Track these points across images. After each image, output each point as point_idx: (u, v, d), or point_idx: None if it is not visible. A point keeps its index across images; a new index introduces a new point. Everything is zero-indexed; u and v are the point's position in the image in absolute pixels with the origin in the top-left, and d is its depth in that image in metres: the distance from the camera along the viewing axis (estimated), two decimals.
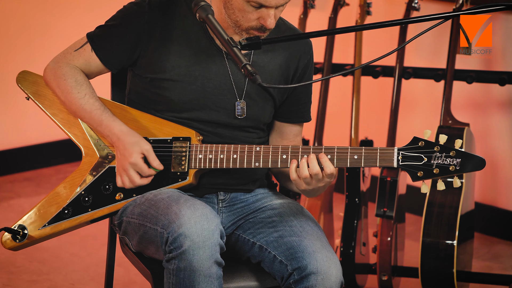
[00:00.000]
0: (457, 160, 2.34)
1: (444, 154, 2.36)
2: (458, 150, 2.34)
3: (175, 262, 2.34)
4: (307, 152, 2.42)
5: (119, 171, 2.53)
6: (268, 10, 2.42)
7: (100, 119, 2.55)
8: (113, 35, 2.57)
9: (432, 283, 3.45)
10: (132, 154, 2.49)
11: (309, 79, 2.66)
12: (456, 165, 2.34)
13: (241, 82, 2.57)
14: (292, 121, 2.69)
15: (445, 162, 2.35)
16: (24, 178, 5.10)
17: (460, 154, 2.34)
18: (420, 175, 2.37)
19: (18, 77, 2.66)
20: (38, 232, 2.58)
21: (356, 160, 2.39)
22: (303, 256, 2.42)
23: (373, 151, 2.39)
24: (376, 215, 3.55)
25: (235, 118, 2.58)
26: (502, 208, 4.42)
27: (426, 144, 2.37)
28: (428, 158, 2.36)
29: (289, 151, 2.45)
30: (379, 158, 2.38)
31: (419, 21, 2.38)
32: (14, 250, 2.61)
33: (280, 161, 2.46)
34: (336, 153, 2.40)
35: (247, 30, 2.46)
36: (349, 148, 2.40)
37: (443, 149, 2.36)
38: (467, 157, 2.34)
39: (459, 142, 2.34)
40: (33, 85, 2.65)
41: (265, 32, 2.47)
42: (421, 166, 2.37)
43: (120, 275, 3.69)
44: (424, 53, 4.49)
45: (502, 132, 4.34)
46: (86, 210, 2.58)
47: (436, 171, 2.36)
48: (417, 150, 2.37)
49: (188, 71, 2.54)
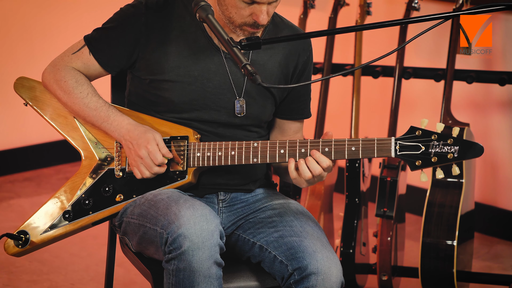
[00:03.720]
0: (455, 147, 2.33)
1: (442, 142, 2.34)
2: (456, 137, 2.33)
3: (175, 262, 2.34)
4: (304, 146, 2.42)
5: (135, 161, 2.52)
6: (260, 6, 2.42)
7: (107, 115, 2.55)
8: (110, 38, 2.56)
9: (432, 283, 3.45)
10: (149, 141, 2.49)
11: (309, 76, 2.67)
12: (454, 152, 2.33)
13: (240, 80, 2.57)
14: (292, 118, 2.69)
15: (443, 150, 2.34)
16: (24, 178, 5.10)
17: (458, 142, 2.33)
18: (418, 164, 2.35)
19: (15, 84, 2.67)
20: (40, 237, 2.59)
21: (353, 152, 2.39)
22: (303, 256, 2.42)
23: (370, 141, 2.38)
24: (376, 215, 3.55)
25: (235, 116, 2.58)
26: (502, 208, 4.42)
27: (423, 133, 2.36)
28: (426, 147, 2.35)
29: (287, 146, 2.45)
30: (377, 149, 2.37)
31: (419, 21, 2.38)
32: (17, 256, 2.61)
33: (278, 156, 2.46)
34: (333, 145, 2.40)
35: (241, 26, 2.47)
36: (346, 140, 2.40)
37: (441, 137, 2.34)
38: (465, 144, 2.32)
39: (457, 130, 2.33)
40: (31, 91, 2.65)
41: (258, 29, 2.47)
42: (419, 155, 2.35)
43: (120, 275, 3.69)
44: (424, 53, 4.49)
45: (502, 132, 4.34)
46: (87, 213, 2.58)
47: (434, 159, 2.34)
48: (415, 139, 2.36)
49: (187, 71, 2.54)
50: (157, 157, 2.49)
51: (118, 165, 2.58)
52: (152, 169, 2.50)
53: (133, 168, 2.53)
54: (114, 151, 2.59)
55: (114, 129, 2.55)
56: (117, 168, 2.58)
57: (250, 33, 2.48)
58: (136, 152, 2.50)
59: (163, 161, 2.50)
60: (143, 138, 2.50)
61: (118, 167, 2.58)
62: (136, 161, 2.52)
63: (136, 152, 2.51)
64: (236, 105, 2.58)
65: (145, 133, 2.51)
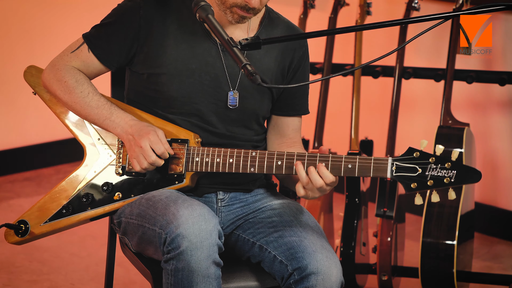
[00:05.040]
0: (452, 172, 2.28)
1: (440, 165, 2.29)
2: (454, 161, 2.28)
3: (173, 262, 2.34)
4: (302, 159, 2.41)
5: (134, 152, 2.51)
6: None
7: (110, 112, 2.55)
8: (109, 33, 2.57)
9: (432, 283, 3.45)
10: (150, 132, 2.49)
11: (305, 70, 2.67)
12: (451, 177, 2.29)
13: (235, 73, 2.57)
14: (288, 114, 2.68)
15: (439, 174, 2.29)
16: (24, 178, 5.10)
17: (456, 166, 2.28)
18: (413, 186, 2.31)
19: (25, 72, 2.66)
20: (39, 228, 2.60)
21: (350, 169, 2.37)
22: (303, 256, 2.42)
23: (367, 160, 2.36)
24: (376, 215, 3.55)
25: (231, 109, 2.57)
26: (502, 208, 4.42)
27: (421, 155, 2.31)
28: (423, 170, 2.31)
29: (284, 158, 2.44)
30: (373, 168, 2.35)
31: (419, 21, 2.38)
32: (17, 244, 2.64)
33: (275, 167, 2.45)
34: (330, 161, 2.39)
35: (231, 7, 2.47)
36: (344, 156, 2.38)
37: (439, 160, 2.30)
38: (463, 169, 2.28)
39: (456, 153, 2.28)
40: (40, 80, 2.66)
41: (248, 12, 2.47)
42: (415, 177, 2.31)
43: (120, 275, 3.69)
44: (424, 53, 4.49)
45: (502, 132, 4.34)
46: (86, 208, 2.59)
47: (430, 183, 2.30)
48: (412, 161, 2.32)
49: (185, 64, 2.54)
50: (159, 147, 2.48)
51: (118, 163, 2.58)
52: (150, 157, 2.48)
53: (132, 161, 2.52)
54: (116, 149, 2.59)
55: (116, 126, 2.55)
56: (117, 166, 2.58)
57: (239, 16, 2.47)
58: (137, 142, 2.50)
59: (163, 152, 2.49)
60: (145, 130, 2.50)
61: (118, 165, 2.58)
62: (135, 151, 2.51)
63: (136, 143, 2.50)
64: (230, 97, 2.57)
65: (147, 126, 2.52)
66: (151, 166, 2.51)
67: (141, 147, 2.49)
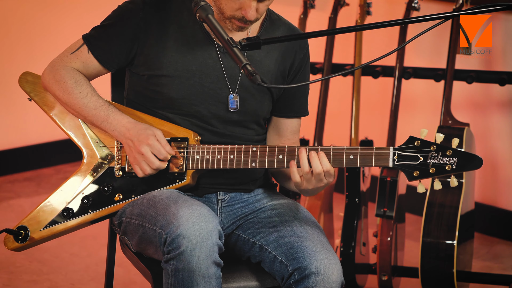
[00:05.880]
0: (453, 159, 2.32)
1: (441, 153, 2.33)
2: (455, 149, 2.32)
3: (174, 262, 2.34)
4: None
5: (135, 159, 2.51)
6: (250, 1, 2.43)
7: (107, 114, 2.55)
8: (109, 35, 2.57)
9: (432, 283, 3.45)
10: (149, 137, 2.49)
11: (306, 73, 2.67)
12: (453, 164, 2.32)
13: (235, 75, 2.57)
14: (288, 115, 2.69)
15: (441, 161, 2.33)
16: (24, 178, 5.10)
17: (457, 153, 2.32)
18: (416, 174, 2.35)
19: (20, 79, 2.66)
20: (39, 233, 2.59)
21: (351, 160, 2.39)
22: (303, 256, 2.42)
23: (369, 151, 2.38)
24: (376, 215, 3.55)
25: (232, 112, 2.57)
26: (502, 208, 4.42)
27: (422, 143, 2.35)
28: (424, 158, 2.34)
29: (286, 152, 2.45)
30: (375, 158, 2.37)
31: (419, 21, 2.38)
32: (16, 251, 2.62)
33: (277, 161, 2.46)
34: (332, 152, 2.40)
35: (230, 18, 2.48)
36: (345, 148, 2.40)
37: (440, 148, 2.34)
38: (464, 156, 2.32)
39: (456, 141, 2.32)
40: (35, 86, 2.65)
41: (246, 24, 2.48)
42: (417, 165, 2.35)
43: (120, 275, 3.69)
44: (424, 53, 4.49)
45: (502, 132, 4.34)
46: (86, 211, 2.58)
47: (432, 170, 2.33)
48: (413, 150, 2.35)
49: (185, 66, 2.55)
50: (161, 151, 2.49)
51: (118, 164, 2.58)
52: (154, 164, 2.49)
53: (134, 166, 2.53)
54: (115, 150, 2.59)
55: (114, 128, 2.55)
56: (117, 168, 2.58)
57: (238, 26, 2.49)
58: (137, 149, 2.50)
59: (166, 156, 2.50)
60: (144, 134, 2.50)
61: (118, 166, 2.58)
62: (137, 158, 2.51)
63: (137, 149, 2.50)
64: (230, 100, 2.58)
65: (145, 130, 2.51)
66: (155, 171, 2.51)
67: (142, 154, 2.49)
